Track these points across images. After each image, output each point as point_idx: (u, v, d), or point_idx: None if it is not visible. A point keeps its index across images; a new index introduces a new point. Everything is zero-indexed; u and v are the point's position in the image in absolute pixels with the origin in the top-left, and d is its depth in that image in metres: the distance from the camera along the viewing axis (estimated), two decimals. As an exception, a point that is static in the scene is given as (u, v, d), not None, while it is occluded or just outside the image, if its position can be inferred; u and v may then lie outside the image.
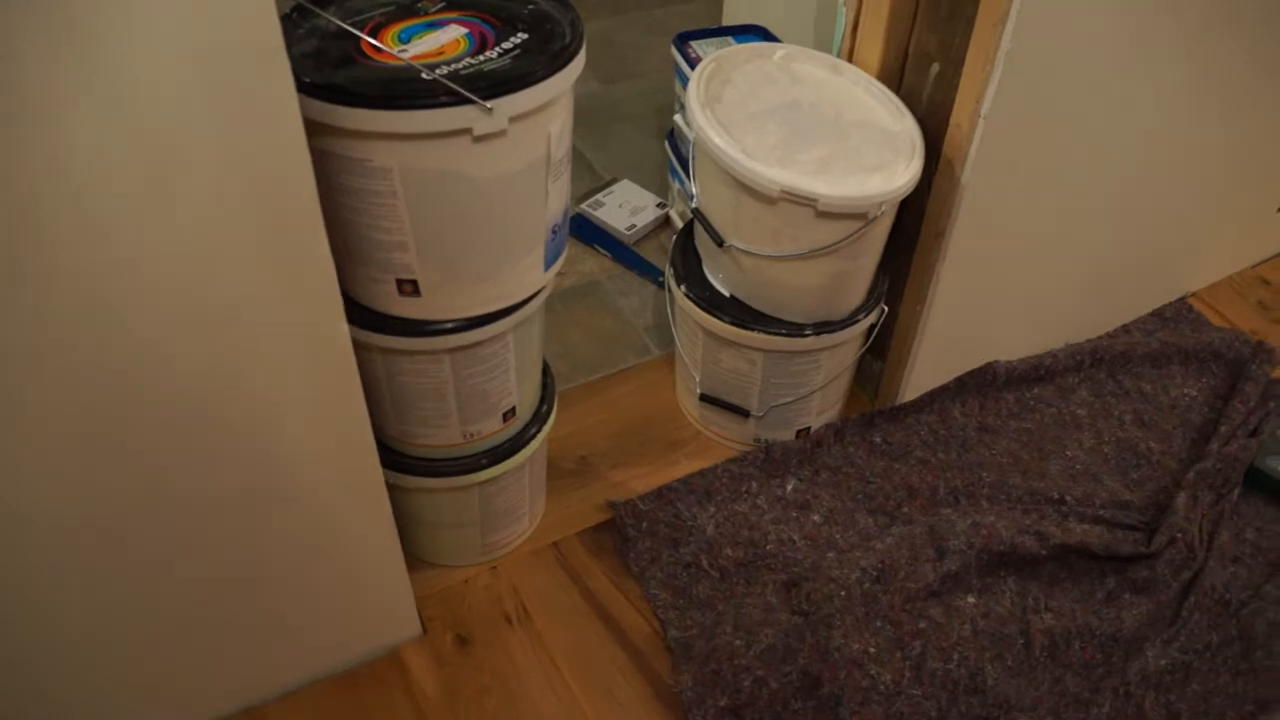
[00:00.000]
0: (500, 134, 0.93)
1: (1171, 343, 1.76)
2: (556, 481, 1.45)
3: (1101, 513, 1.49)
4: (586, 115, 2.09)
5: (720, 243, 1.32)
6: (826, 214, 1.20)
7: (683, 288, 1.40)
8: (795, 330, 1.34)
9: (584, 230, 1.82)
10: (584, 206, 1.84)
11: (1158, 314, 1.85)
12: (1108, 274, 1.68)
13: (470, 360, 1.10)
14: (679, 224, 1.70)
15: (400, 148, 0.91)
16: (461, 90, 0.88)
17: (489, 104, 0.89)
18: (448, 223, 0.98)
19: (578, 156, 1.99)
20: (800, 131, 1.28)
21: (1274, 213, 1.91)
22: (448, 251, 1.00)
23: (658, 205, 1.85)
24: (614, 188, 1.88)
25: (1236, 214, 1.83)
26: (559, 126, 1.00)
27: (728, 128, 1.26)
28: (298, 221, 0.84)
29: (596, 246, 1.80)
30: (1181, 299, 1.88)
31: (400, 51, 0.95)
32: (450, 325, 1.06)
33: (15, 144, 0.68)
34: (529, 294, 1.09)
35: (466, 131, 0.91)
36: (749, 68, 1.37)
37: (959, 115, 1.26)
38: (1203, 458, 1.56)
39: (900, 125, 1.30)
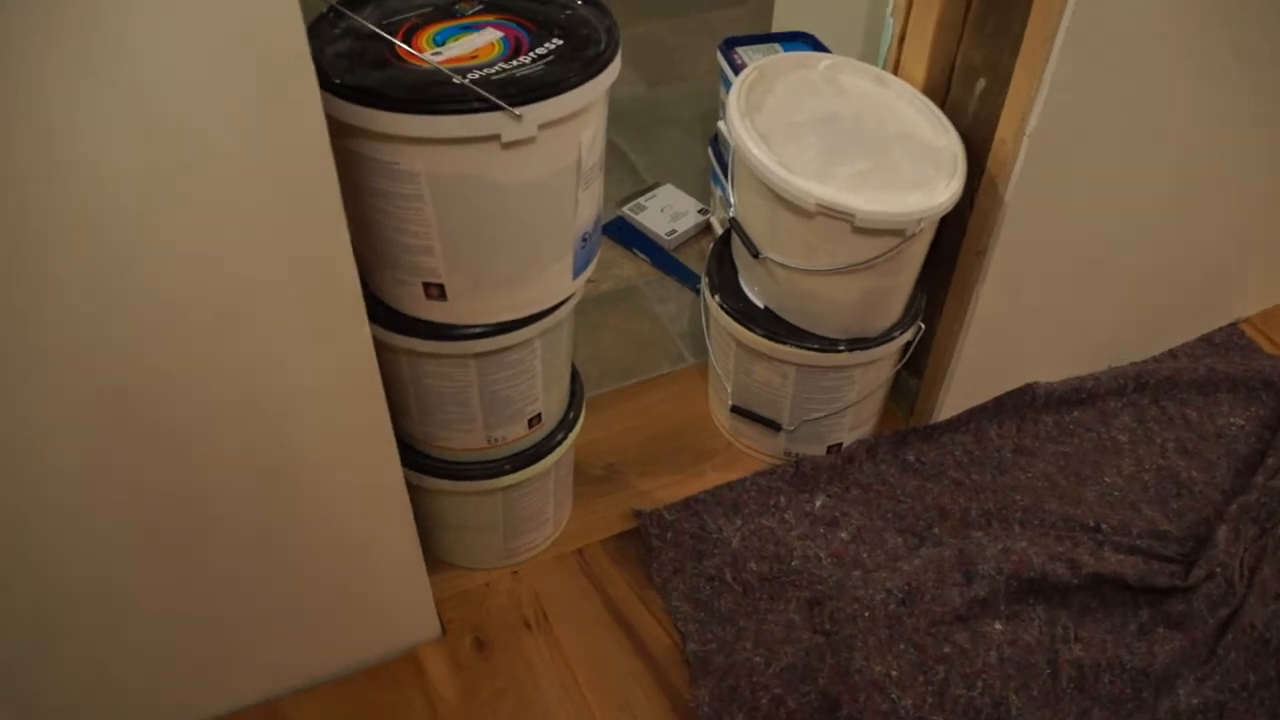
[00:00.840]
0: (529, 141, 0.92)
1: (1220, 370, 1.72)
2: (583, 487, 1.44)
3: (1138, 543, 1.46)
4: (631, 117, 2.08)
5: (756, 254, 1.31)
6: (863, 229, 1.18)
7: (717, 298, 1.38)
8: (829, 345, 1.32)
9: (624, 233, 1.81)
10: (625, 210, 1.83)
11: (1207, 339, 1.81)
12: (1155, 296, 1.65)
13: (496, 366, 1.09)
14: (720, 231, 1.68)
15: (428, 152, 0.90)
16: (491, 96, 0.87)
17: (518, 111, 0.89)
18: (475, 228, 0.97)
19: (621, 158, 1.98)
20: (840, 144, 1.26)
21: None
22: (474, 257, 1.00)
23: (699, 211, 1.84)
24: (656, 192, 1.87)
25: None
26: (591, 134, 0.99)
27: (767, 138, 1.24)
28: (320, 225, 0.84)
29: (636, 250, 1.79)
30: (1233, 324, 1.84)
31: (434, 54, 0.94)
32: (476, 330, 1.05)
33: (43, 138, 0.68)
34: (557, 301, 1.08)
35: (495, 138, 0.90)
36: (792, 77, 1.36)
37: (1004, 132, 1.24)
38: (1247, 490, 1.52)
39: (943, 140, 1.28)
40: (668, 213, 1.82)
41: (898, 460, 1.52)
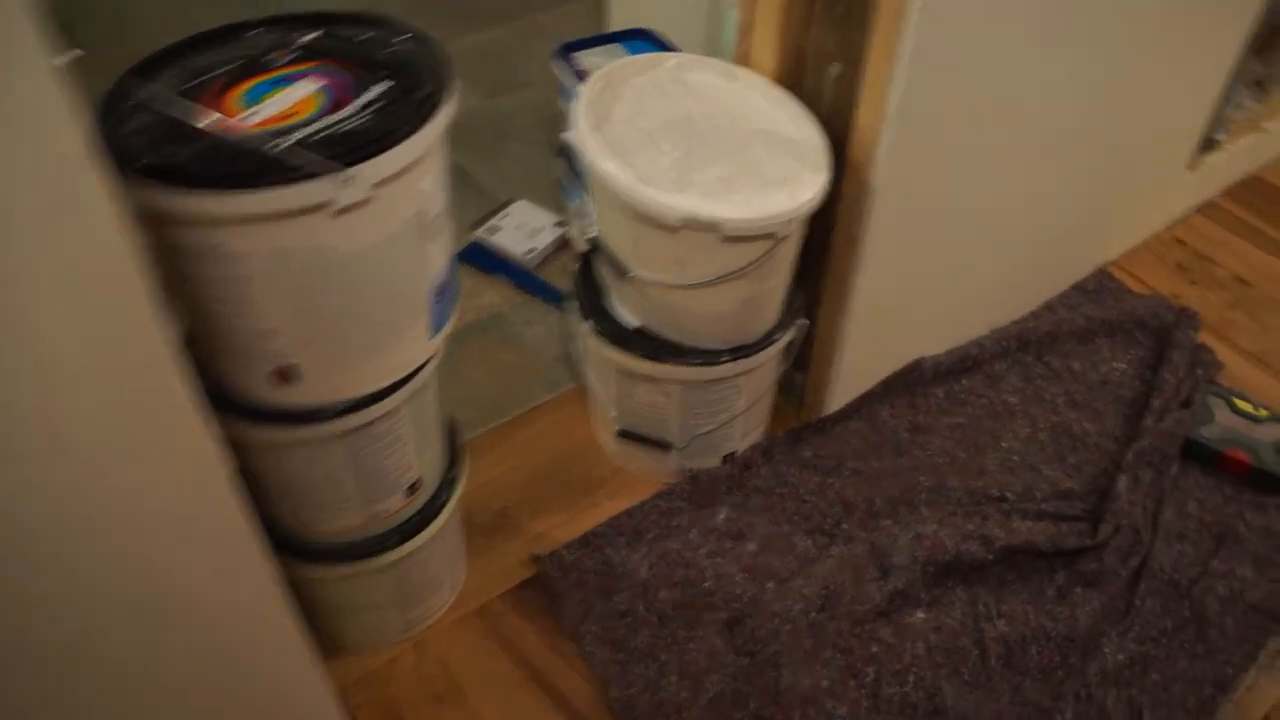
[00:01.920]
0: (365, 203, 0.83)
1: (1096, 316, 1.72)
2: (475, 540, 1.36)
3: (1044, 506, 1.45)
4: (472, 133, 1.98)
5: (623, 273, 1.24)
6: (733, 238, 1.12)
7: (588, 323, 1.31)
8: (711, 358, 1.27)
9: (481, 259, 1.72)
10: (479, 233, 1.74)
11: (1079, 287, 1.81)
12: (1026, 253, 1.64)
13: (362, 441, 1.01)
14: (580, 242, 1.61)
15: (252, 231, 0.81)
16: (314, 161, 0.79)
17: (347, 173, 0.80)
18: (319, 303, 0.88)
19: (467, 179, 1.88)
20: (698, 147, 1.20)
21: (1183, 170, 1.87)
22: (324, 333, 0.91)
23: (556, 225, 1.76)
24: (509, 209, 1.79)
25: (1147, 177, 1.79)
26: (432, 180, 0.91)
27: (620, 150, 1.17)
28: (135, 336, 0.74)
29: (496, 275, 1.71)
30: (1101, 269, 1.85)
31: (248, 116, 0.85)
32: (337, 409, 0.96)
33: None
34: (418, 364, 1.00)
35: (326, 205, 0.81)
36: (639, 80, 1.29)
37: (865, 117, 1.19)
38: (1139, 435, 1.52)
39: (803, 131, 1.23)
40: (524, 230, 1.74)
41: (795, 459, 1.47)
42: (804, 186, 1.16)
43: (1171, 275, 1.86)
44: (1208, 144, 1.88)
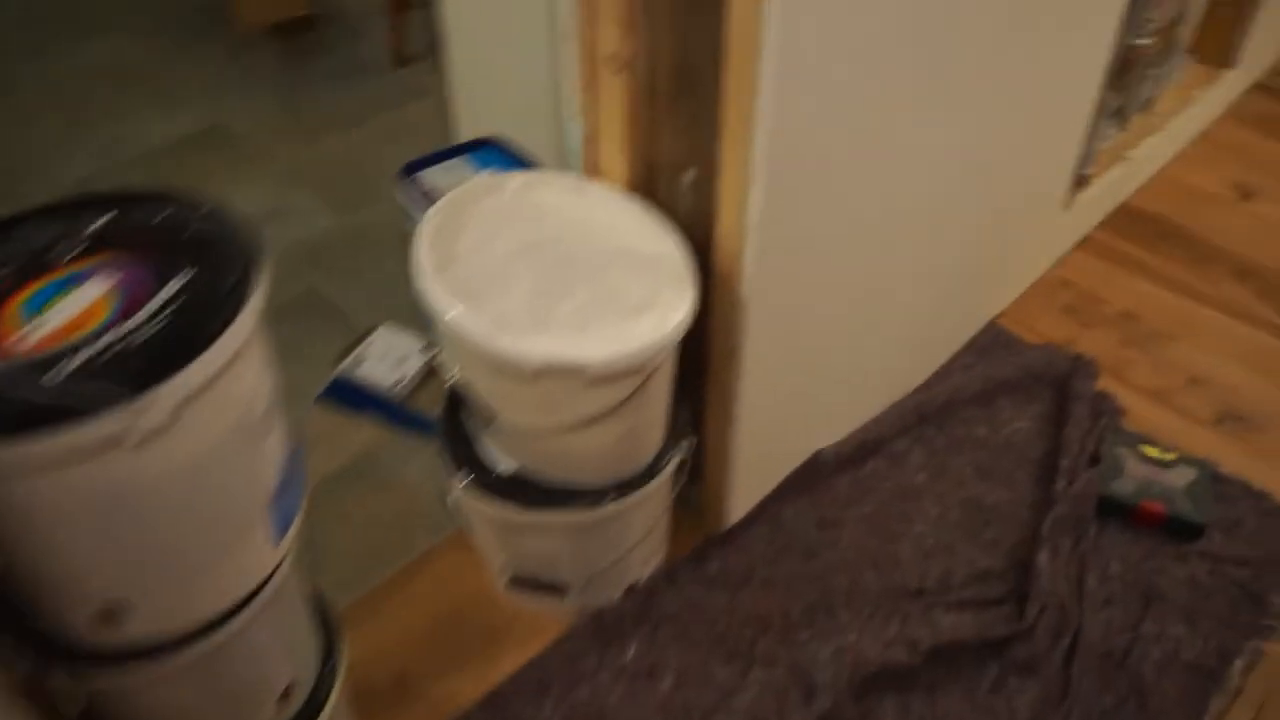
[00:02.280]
0: (170, 425, 0.73)
1: (992, 375, 1.68)
2: (374, 714, 1.24)
3: (965, 594, 1.38)
4: (327, 255, 1.86)
5: (489, 419, 1.15)
6: (600, 379, 1.04)
7: (461, 473, 1.21)
8: (596, 499, 1.17)
9: (346, 396, 1.61)
10: (342, 369, 1.63)
11: (972, 346, 1.76)
12: (916, 323, 1.58)
13: (217, 665, 0.89)
14: (449, 368, 1.51)
15: (37, 477, 0.70)
16: (97, 394, 0.68)
17: (139, 402, 0.70)
18: (136, 536, 0.78)
19: (324, 308, 1.76)
20: (553, 276, 1.11)
21: (1060, 211, 1.85)
22: (149, 564, 0.80)
23: (423, 349, 1.66)
24: (372, 337, 1.68)
25: (1026, 224, 1.76)
26: (253, 376, 0.81)
27: (469, 292, 1.08)
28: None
29: (365, 411, 1.60)
30: (992, 323, 1.81)
31: (27, 333, 0.74)
32: (176, 640, 0.85)
33: None
34: (265, 575, 0.89)
35: (121, 440, 0.70)
36: (484, 206, 1.20)
37: (726, 225, 1.12)
38: (1052, 501, 1.47)
39: (662, 246, 1.15)
40: (390, 359, 1.64)
41: (701, 578, 1.39)
42: (670, 310, 1.07)
43: (1061, 319, 1.83)
44: (1079, 181, 1.86)
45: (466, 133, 1.67)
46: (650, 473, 1.20)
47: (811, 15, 1.00)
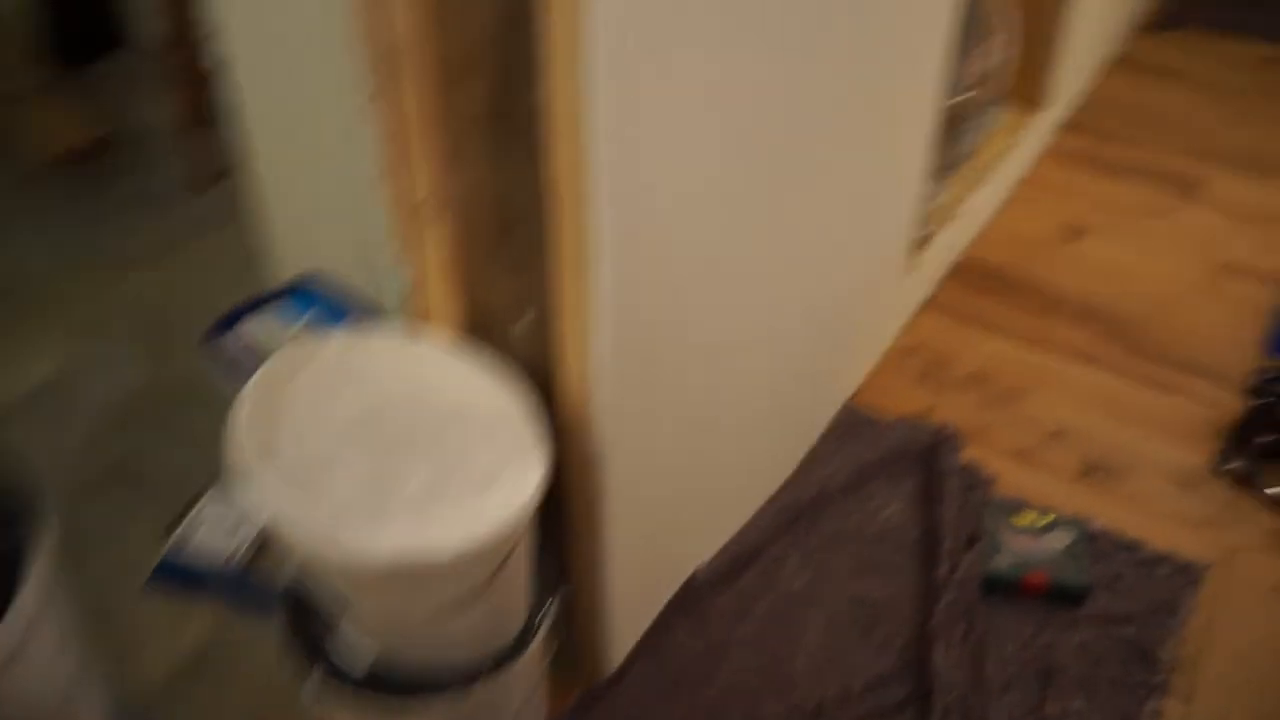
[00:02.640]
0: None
1: (857, 461, 1.64)
2: None
3: (865, 706, 1.33)
4: (148, 416, 1.69)
5: (337, 615, 1.03)
6: (454, 567, 0.94)
7: (315, 673, 1.09)
8: (466, 680, 1.07)
9: (177, 580, 1.45)
10: (169, 550, 1.47)
11: (832, 431, 1.72)
12: (774, 417, 1.53)
13: None
14: (284, 565, 1.38)
15: None
16: None
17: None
18: None
19: (140, 480, 1.59)
20: (390, 450, 1.01)
21: (902, 276, 1.83)
22: None
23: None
24: (201, 505, 1.53)
25: (870, 296, 1.74)
26: (44, 661, 0.69)
27: (298, 480, 0.97)
28: None
29: (202, 591, 1.44)
30: (848, 404, 1.77)
31: None
32: None
33: None
34: None
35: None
36: (304, 377, 1.08)
37: (570, 368, 1.05)
38: (937, 588, 1.44)
39: (502, 401, 1.06)
40: (223, 527, 1.49)
41: (590, 734, 1.30)
42: (520, 477, 0.98)
43: (916, 388, 1.81)
44: (918, 244, 1.85)
45: (278, 262, 1.55)
46: (523, 640, 1.11)
47: (639, 139, 0.94)
